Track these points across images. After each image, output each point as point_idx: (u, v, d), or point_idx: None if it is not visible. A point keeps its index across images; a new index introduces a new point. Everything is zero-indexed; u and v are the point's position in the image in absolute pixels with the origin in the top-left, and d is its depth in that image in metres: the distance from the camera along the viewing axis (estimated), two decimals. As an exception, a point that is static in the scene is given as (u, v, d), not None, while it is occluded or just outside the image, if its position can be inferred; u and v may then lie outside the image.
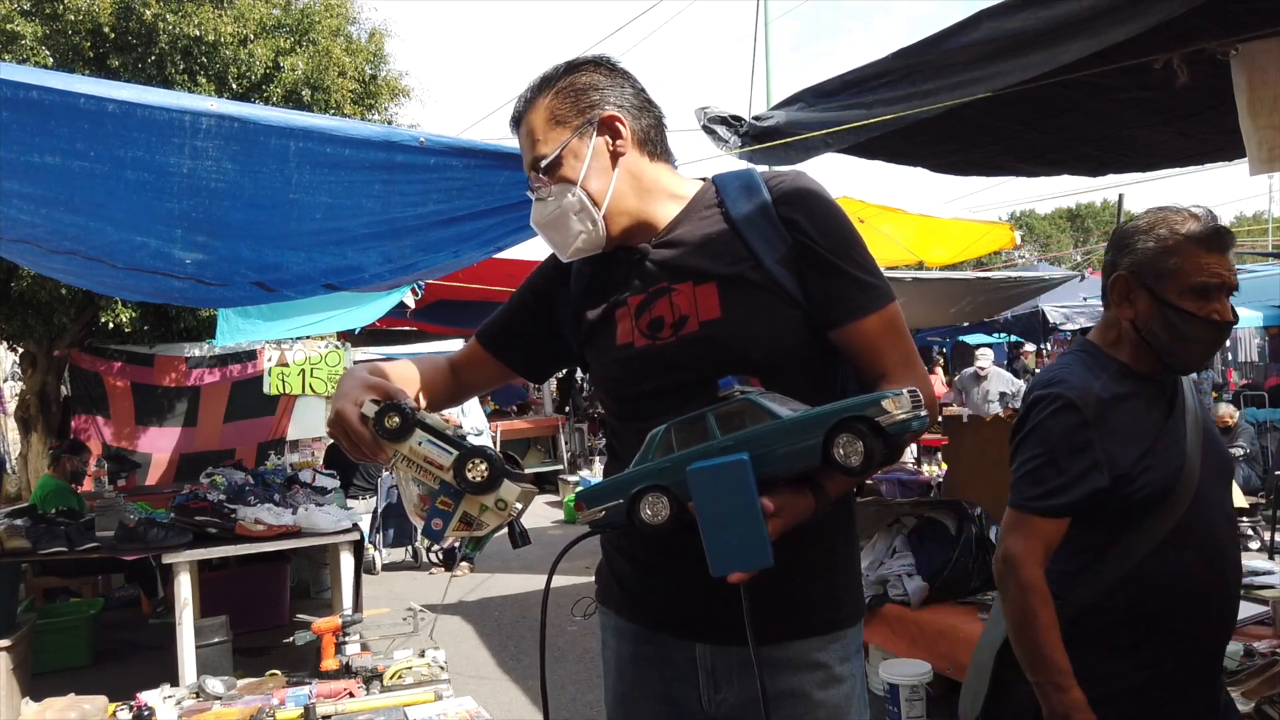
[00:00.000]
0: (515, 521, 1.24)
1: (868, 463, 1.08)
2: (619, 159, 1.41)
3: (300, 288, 4.27)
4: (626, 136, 1.41)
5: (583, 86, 1.41)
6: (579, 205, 1.38)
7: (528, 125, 1.42)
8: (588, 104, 1.40)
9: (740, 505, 1.09)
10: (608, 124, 1.40)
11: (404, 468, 1.24)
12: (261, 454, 8.81)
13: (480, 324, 1.63)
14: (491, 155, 2.94)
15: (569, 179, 1.38)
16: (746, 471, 1.09)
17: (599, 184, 1.39)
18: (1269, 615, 3.19)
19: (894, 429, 1.08)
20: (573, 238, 1.40)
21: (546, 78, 1.42)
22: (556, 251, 1.45)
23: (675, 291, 1.37)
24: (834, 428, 1.09)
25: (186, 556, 4.30)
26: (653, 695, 1.45)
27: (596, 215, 1.39)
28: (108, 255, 3.63)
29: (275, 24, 7.73)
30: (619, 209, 1.40)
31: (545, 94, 1.41)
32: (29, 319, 7.69)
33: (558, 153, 1.38)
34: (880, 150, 3.69)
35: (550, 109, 1.40)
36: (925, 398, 1.19)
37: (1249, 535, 6.40)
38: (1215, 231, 1.68)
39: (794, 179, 1.40)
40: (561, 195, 1.38)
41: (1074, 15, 2.34)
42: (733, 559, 1.10)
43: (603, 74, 1.43)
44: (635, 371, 1.39)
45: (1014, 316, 10.07)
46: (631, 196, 1.41)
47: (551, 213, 1.40)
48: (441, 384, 1.56)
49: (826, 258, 1.34)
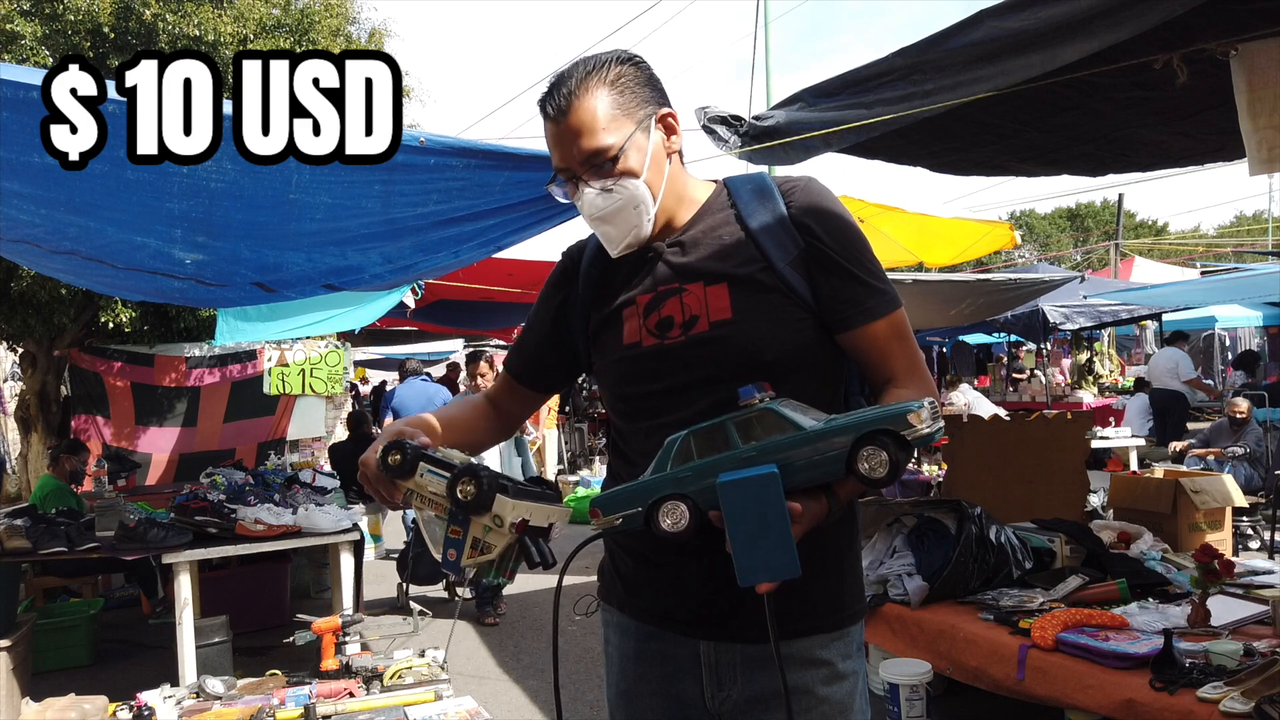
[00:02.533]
0: (525, 539, 1.22)
1: (892, 475, 1.10)
2: (671, 157, 1.42)
3: (300, 288, 4.27)
4: (680, 135, 1.42)
5: (642, 80, 1.38)
6: (639, 200, 1.37)
7: (582, 113, 1.34)
8: (647, 98, 1.38)
9: (770, 517, 1.09)
10: (665, 121, 1.40)
11: (418, 504, 1.26)
12: (261, 454, 8.81)
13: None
14: (491, 156, 2.94)
15: (633, 172, 1.36)
16: (777, 484, 1.09)
17: (656, 180, 1.38)
18: (1269, 615, 3.19)
19: (917, 442, 1.10)
20: (628, 231, 1.39)
21: (594, 64, 1.36)
22: (606, 245, 1.42)
23: (686, 292, 1.38)
24: (859, 440, 1.11)
25: (186, 556, 4.30)
26: (656, 692, 1.45)
27: (652, 211, 1.39)
28: (108, 255, 3.63)
29: (275, 24, 7.73)
30: (661, 207, 1.40)
31: (596, 83, 1.35)
32: (29, 319, 7.69)
33: (624, 144, 1.34)
34: (880, 150, 3.70)
35: (609, 100, 1.34)
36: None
37: (1249, 535, 6.40)
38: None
39: (807, 184, 1.41)
40: (624, 188, 1.36)
41: (1074, 15, 2.34)
42: (762, 570, 1.10)
43: (645, 70, 1.41)
44: (643, 371, 1.40)
45: (1014, 316, 10.07)
46: (670, 196, 1.42)
47: (611, 205, 1.36)
48: (484, 422, 1.58)
49: (839, 261, 1.36)
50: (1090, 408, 10.42)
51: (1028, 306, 9.65)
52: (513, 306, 8.42)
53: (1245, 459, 6.99)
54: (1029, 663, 3.03)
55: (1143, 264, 18.18)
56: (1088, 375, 12.87)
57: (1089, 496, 5.25)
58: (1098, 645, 2.91)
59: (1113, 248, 18.86)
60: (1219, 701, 2.49)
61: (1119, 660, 2.83)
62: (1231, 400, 7.61)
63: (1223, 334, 16.41)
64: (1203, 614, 3.13)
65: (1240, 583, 3.62)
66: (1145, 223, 37.73)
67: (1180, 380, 9.66)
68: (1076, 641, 2.96)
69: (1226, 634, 3.04)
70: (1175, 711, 2.55)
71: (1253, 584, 3.62)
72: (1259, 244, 28.16)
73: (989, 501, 4.07)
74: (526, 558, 1.24)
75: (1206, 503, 4.45)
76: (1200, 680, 2.62)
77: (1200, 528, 4.41)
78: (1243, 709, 2.43)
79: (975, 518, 3.78)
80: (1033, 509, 4.41)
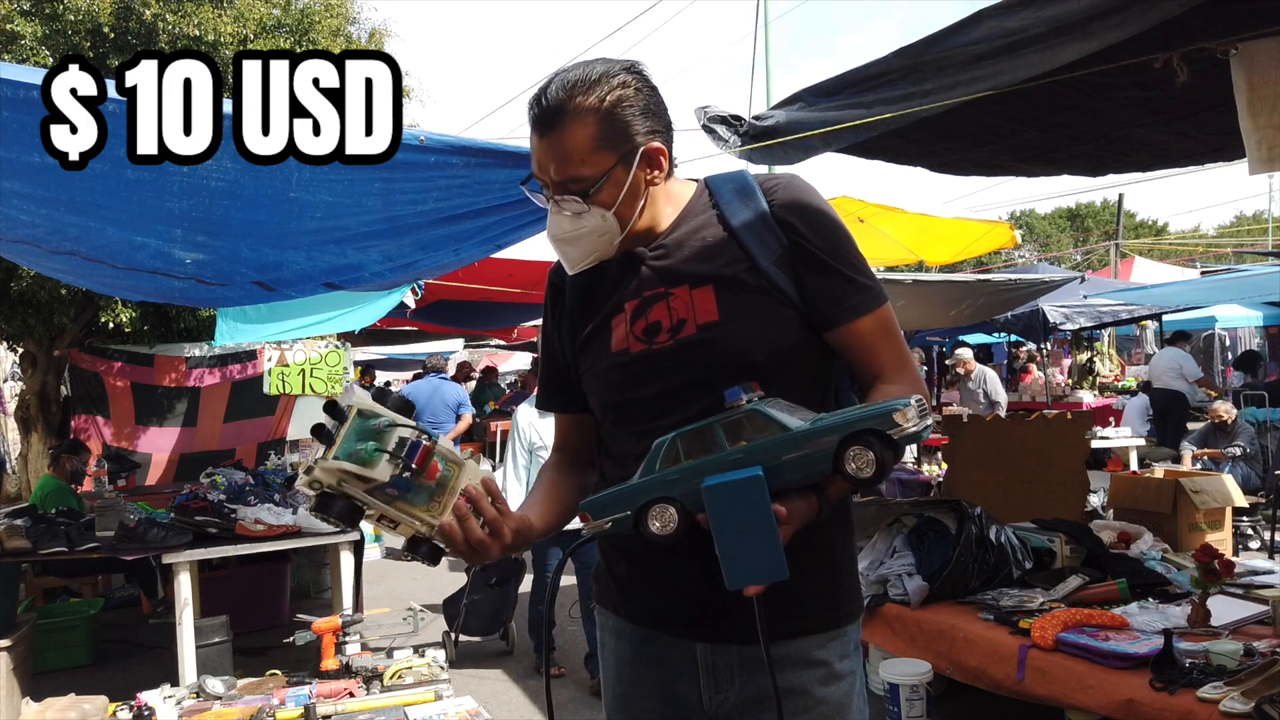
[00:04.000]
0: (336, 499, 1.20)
1: (879, 474, 1.10)
2: (650, 187, 1.39)
3: (300, 287, 4.27)
4: (664, 169, 1.39)
5: (639, 108, 1.34)
6: (606, 230, 1.36)
7: (565, 138, 1.31)
8: (638, 130, 1.34)
9: (756, 520, 1.09)
10: (651, 155, 1.37)
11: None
12: (261, 454, 8.80)
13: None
14: (491, 154, 2.93)
15: (604, 204, 1.34)
16: (762, 487, 1.09)
17: (628, 212, 1.37)
18: (1269, 615, 3.19)
19: (904, 440, 1.10)
20: (587, 255, 1.39)
21: (588, 82, 1.31)
22: (564, 263, 1.43)
23: (672, 296, 1.37)
24: (845, 439, 1.10)
25: (186, 556, 4.30)
26: (653, 695, 1.44)
27: (619, 239, 1.38)
28: (108, 255, 3.63)
29: (275, 24, 7.73)
30: (635, 228, 1.40)
31: (588, 106, 1.30)
32: (29, 319, 7.69)
33: (601, 178, 1.32)
34: (880, 150, 3.69)
35: (595, 130, 1.31)
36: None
37: (1249, 535, 6.40)
38: None
39: (789, 182, 1.41)
40: (591, 218, 1.35)
41: (1073, 15, 2.34)
42: (749, 573, 1.10)
43: (645, 90, 1.36)
44: (632, 377, 1.39)
45: (1014, 316, 10.07)
46: (645, 217, 1.40)
47: (575, 231, 1.36)
48: (559, 474, 1.54)
49: (823, 259, 1.35)
50: (1090, 408, 10.42)
51: (1028, 306, 9.64)
52: (512, 306, 8.42)
53: (1243, 458, 6.99)
54: (1029, 663, 3.03)
55: (1143, 264, 18.17)
56: (1088, 375, 12.87)
57: (1089, 496, 5.25)
58: (1098, 645, 2.91)
59: (1113, 248, 18.86)
60: (1219, 701, 2.49)
61: (1119, 660, 2.83)
62: (1212, 407, 7.56)
63: (1223, 334, 16.40)
64: (1203, 614, 3.13)
65: (1240, 583, 3.62)
66: (1145, 223, 37.72)
67: (1188, 381, 9.64)
68: (1076, 641, 2.96)
69: (1226, 634, 3.04)
70: (1175, 711, 2.55)
71: (1253, 584, 3.62)
72: (1259, 244, 28.16)
73: (989, 501, 4.07)
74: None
75: (1206, 503, 4.45)
76: (1200, 680, 2.62)
77: (1200, 528, 4.41)
78: (1243, 709, 2.43)
79: (975, 518, 3.78)
80: (1033, 509, 4.41)
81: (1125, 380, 13.00)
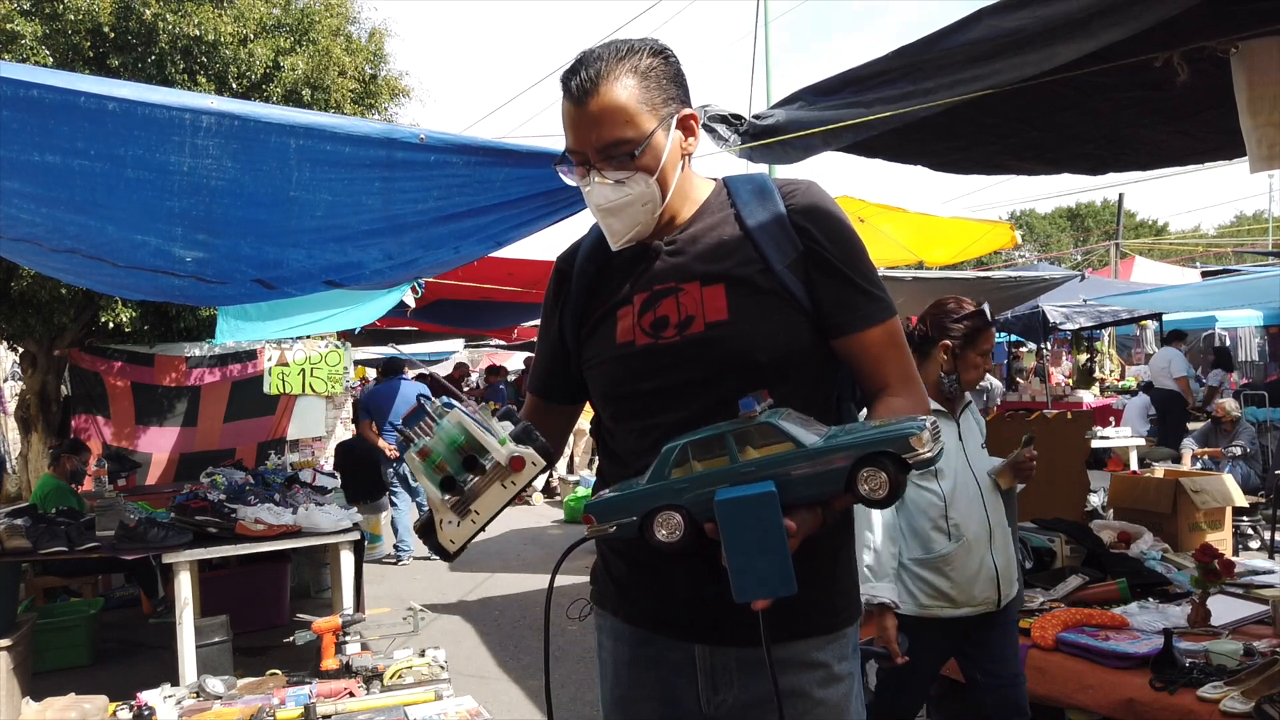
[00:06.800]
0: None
1: (892, 496, 1.09)
2: (685, 156, 1.40)
3: (301, 285, 4.27)
4: (697, 136, 1.41)
5: (669, 75, 1.36)
6: (649, 197, 1.35)
7: (608, 101, 1.30)
8: (672, 95, 1.36)
9: (767, 535, 1.09)
10: (685, 122, 1.38)
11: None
12: (261, 454, 8.80)
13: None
14: (491, 152, 2.94)
15: (648, 169, 1.34)
16: (775, 503, 1.09)
17: (667, 179, 1.37)
18: (1269, 615, 3.18)
19: (917, 465, 1.09)
20: (632, 227, 1.37)
21: (626, 50, 1.33)
22: (609, 237, 1.40)
23: (683, 291, 1.37)
24: (859, 460, 1.10)
25: (186, 556, 4.30)
26: (651, 697, 1.44)
27: (659, 210, 1.38)
28: (108, 254, 3.63)
29: (275, 23, 7.73)
30: (667, 206, 1.39)
31: (625, 71, 1.31)
32: (29, 319, 7.69)
33: (644, 140, 1.32)
34: (880, 149, 3.69)
35: (637, 92, 1.31)
36: (922, 413, 1.21)
37: (1249, 535, 6.39)
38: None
39: (808, 187, 1.41)
40: (636, 184, 1.34)
41: (1073, 14, 2.34)
42: (757, 587, 1.10)
43: (674, 61, 1.38)
44: (632, 370, 1.38)
45: (1014, 316, 10.06)
46: (677, 195, 1.41)
47: (620, 199, 1.35)
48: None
49: (838, 266, 1.35)
50: (1090, 408, 10.42)
51: (1028, 306, 9.63)
52: (513, 306, 8.41)
53: (1243, 458, 7.00)
54: (1029, 662, 3.03)
55: (1143, 264, 18.16)
56: (1088, 377, 12.86)
57: (1089, 496, 5.25)
58: (1098, 645, 2.91)
59: (1113, 247, 18.85)
60: (1219, 701, 2.49)
61: (1119, 660, 2.83)
62: (1219, 403, 7.61)
63: (1222, 333, 16.40)
64: (1203, 614, 3.13)
65: (1240, 582, 3.61)
66: (1145, 222, 37.72)
67: (1172, 378, 9.69)
68: (1076, 641, 2.96)
69: (1226, 634, 3.04)
70: (1175, 711, 2.55)
71: (1253, 584, 3.61)
72: (1259, 244, 28.16)
73: (989, 501, 4.06)
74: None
75: (1206, 502, 4.45)
76: (1200, 680, 2.62)
77: (1200, 527, 4.41)
78: (1243, 709, 2.43)
79: (975, 517, 3.77)
80: (1033, 509, 4.40)
81: (1126, 380, 13.01)
